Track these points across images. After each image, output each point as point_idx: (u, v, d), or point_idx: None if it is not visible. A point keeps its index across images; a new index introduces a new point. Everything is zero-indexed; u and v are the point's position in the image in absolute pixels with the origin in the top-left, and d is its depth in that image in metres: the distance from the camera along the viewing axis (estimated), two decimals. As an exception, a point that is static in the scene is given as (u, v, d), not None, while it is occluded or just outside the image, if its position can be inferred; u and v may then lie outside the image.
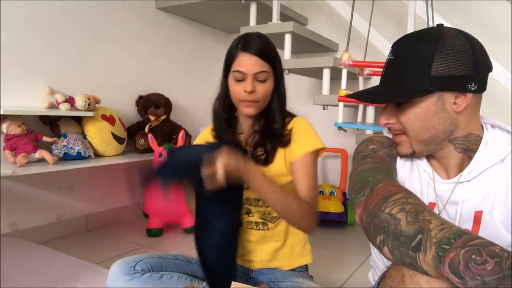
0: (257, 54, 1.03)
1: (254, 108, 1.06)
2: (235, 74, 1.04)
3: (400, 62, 0.77)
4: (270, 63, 1.05)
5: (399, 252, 0.63)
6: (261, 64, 1.03)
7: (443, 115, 0.75)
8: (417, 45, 0.75)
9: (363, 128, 2.08)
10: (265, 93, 1.05)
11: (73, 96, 2.04)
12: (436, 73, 0.72)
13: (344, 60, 1.98)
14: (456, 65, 0.72)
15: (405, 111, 0.78)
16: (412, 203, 0.67)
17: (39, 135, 1.96)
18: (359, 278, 1.75)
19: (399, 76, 0.77)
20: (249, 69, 1.02)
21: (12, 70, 1.94)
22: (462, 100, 0.74)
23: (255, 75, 1.03)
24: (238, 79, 1.04)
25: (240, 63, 1.03)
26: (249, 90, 1.02)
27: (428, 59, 0.72)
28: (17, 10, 1.95)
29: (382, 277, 0.78)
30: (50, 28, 2.09)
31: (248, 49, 1.03)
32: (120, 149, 2.32)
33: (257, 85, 1.04)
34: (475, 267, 0.53)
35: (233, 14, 2.73)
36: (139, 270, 1.05)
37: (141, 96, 2.55)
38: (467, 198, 0.79)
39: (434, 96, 0.74)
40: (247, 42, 1.04)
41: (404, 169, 0.87)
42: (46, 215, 2.15)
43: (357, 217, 0.75)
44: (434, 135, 0.77)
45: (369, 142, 0.91)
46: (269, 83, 1.06)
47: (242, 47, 1.04)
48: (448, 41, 0.73)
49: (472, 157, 0.79)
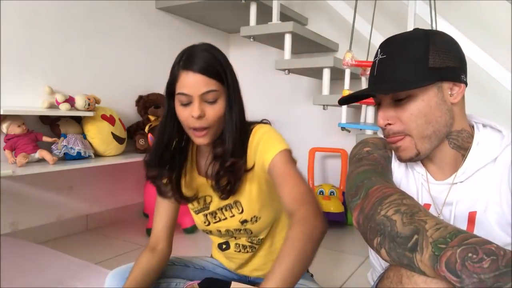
0: (202, 71, 0.86)
1: (207, 137, 0.90)
2: (180, 97, 0.88)
3: (395, 59, 0.78)
4: (219, 79, 0.89)
5: (396, 253, 0.63)
6: (208, 82, 0.87)
7: (444, 107, 0.77)
8: (408, 44, 0.77)
9: (366, 128, 2.08)
10: (217, 116, 0.89)
11: (73, 96, 2.04)
12: (433, 65, 0.75)
13: (347, 60, 1.98)
14: (449, 57, 0.75)
15: (406, 107, 0.77)
16: (407, 204, 0.67)
17: (39, 135, 1.96)
18: (359, 278, 1.75)
19: (397, 71, 0.77)
20: (194, 91, 0.86)
21: (12, 70, 1.95)
22: (457, 91, 0.77)
23: (201, 96, 0.87)
24: (183, 102, 0.88)
25: (183, 84, 0.87)
26: (196, 115, 0.86)
27: (424, 53, 0.75)
28: (17, 10, 1.95)
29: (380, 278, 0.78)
30: (50, 28, 2.10)
31: (190, 67, 0.87)
32: (120, 149, 2.32)
33: (205, 107, 0.88)
34: (471, 265, 0.54)
35: (233, 14, 2.73)
36: None
37: (141, 96, 2.55)
38: (461, 199, 0.79)
39: (435, 87, 0.76)
40: (189, 58, 0.88)
41: (399, 171, 0.87)
42: (46, 215, 2.16)
43: (354, 220, 0.75)
44: (437, 129, 0.78)
45: (364, 145, 0.91)
46: (220, 104, 0.90)
47: (183, 64, 0.88)
48: (436, 37, 0.77)
49: (464, 155, 0.80)
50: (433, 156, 0.83)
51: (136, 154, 2.38)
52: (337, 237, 2.32)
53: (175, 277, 1.08)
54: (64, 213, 2.24)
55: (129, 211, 2.61)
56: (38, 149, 1.91)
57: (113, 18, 2.43)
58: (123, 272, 1.01)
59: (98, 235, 2.29)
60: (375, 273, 0.96)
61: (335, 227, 2.45)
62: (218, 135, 0.93)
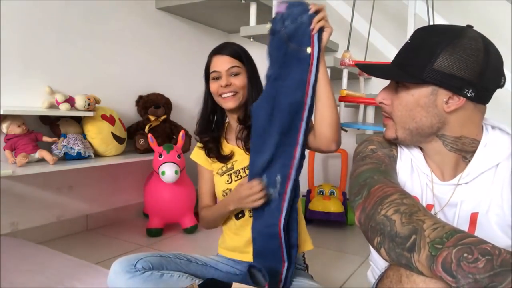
0: (228, 54, 1.18)
1: (234, 101, 1.17)
2: (212, 75, 1.20)
3: (412, 47, 0.78)
4: (240, 60, 1.19)
5: (395, 253, 0.64)
6: (232, 61, 1.18)
7: (432, 110, 0.76)
8: (434, 36, 0.75)
9: (365, 128, 2.08)
10: (241, 84, 1.17)
11: (73, 96, 2.04)
12: (438, 67, 0.72)
13: (345, 60, 1.98)
14: (460, 66, 0.71)
15: (400, 95, 0.80)
16: (406, 203, 0.67)
17: (39, 135, 1.96)
18: (359, 278, 1.75)
19: (406, 59, 0.78)
20: (222, 67, 1.17)
21: (12, 70, 1.95)
22: (454, 102, 0.74)
23: (228, 71, 1.17)
24: (214, 77, 1.19)
25: (214, 64, 1.20)
26: (224, 83, 1.16)
27: (436, 51, 0.73)
28: (17, 10, 1.95)
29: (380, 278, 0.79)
30: (50, 28, 2.10)
31: (220, 52, 1.20)
32: (120, 149, 2.32)
33: (231, 79, 1.17)
34: (467, 265, 0.54)
35: (233, 14, 2.73)
36: (139, 268, 1.06)
37: (141, 96, 2.55)
38: (464, 200, 0.79)
39: (429, 88, 0.75)
40: (219, 47, 1.21)
41: (405, 171, 0.87)
42: (46, 215, 2.16)
43: (356, 219, 0.75)
44: (419, 126, 0.78)
45: (369, 143, 0.91)
46: (242, 76, 1.18)
47: (215, 50, 1.21)
48: (464, 41, 0.72)
49: (468, 158, 0.79)
50: (432, 157, 0.83)
51: (136, 154, 2.38)
52: (337, 237, 2.32)
53: (177, 270, 1.10)
54: (64, 213, 2.24)
55: (129, 211, 2.61)
56: (38, 149, 1.92)
57: (113, 18, 2.43)
58: (128, 260, 1.08)
59: (98, 235, 2.29)
60: (375, 271, 0.96)
61: (335, 227, 2.45)
62: (242, 103, 1.19)
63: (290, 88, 1.02)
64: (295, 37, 1.01)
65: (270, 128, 1.06)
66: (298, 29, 1.00)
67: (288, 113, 1.03)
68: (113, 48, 2.44)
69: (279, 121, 1.04)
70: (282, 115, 1.04)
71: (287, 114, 1.03)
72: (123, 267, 1.06)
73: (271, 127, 1.06)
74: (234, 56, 1.18)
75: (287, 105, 1.02)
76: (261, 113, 1.07)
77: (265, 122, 1.07)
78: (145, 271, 1.06)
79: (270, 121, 1.06)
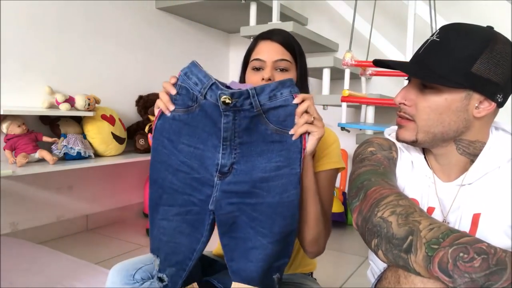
0: (280, 42, 0.91)
1: None
2: (253, 63, 0.91)
3: (443, 48, 0.74)
4: (292, 54, 0.93)
5: (392, 255, 0.64)
6: (283, 52, 0.91)
7: (462, 115, 0.73)
8: (467, 38, 0.72)
9: (366, 128, 2.08)
10: None
11: (73, 96, 2.04)
12: (476, 71, 0.70)
13: (347, 60, 1.99)
14: (496, 71, 0.70)
15: (428, 97, 0.75)
16: (402, 205, 0.67)
17: (39, 135, 1.96)
18: (359, 278, 1.75)
19: (439, 60, 0.73)
20: (269, 56, 0.90)
21: (12, 70, 1.95)
22: (485, 107, 0.73)
23: (275, 63, 0.90)
24: (255, 67, 0.91)
25: (259, 50, 0.92)
26: (266, 77, 0.88)
27: (475, 55, 0.70)
28: (17, 10, 1.95)
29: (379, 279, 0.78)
30: (50, 28, 2.10)
31: (270, 37, 0.92)
32: (120, 149, 2.32)
33: (276, 74, 0.90)
34: (463, 265, 0.54)
35: (233, 14, 2.73)
36: (138, 280, 1.01)
37: (141, 96, 2.55)
38: (467, 200, 0.78)
39: (464, 92, 0.72)
40: (270, 31, 0.94)
41: (405, 173, 0.86)
42: (46, 215, 2.16)
43: (353, 222, 0.75)
44: (445, 131, 0.75)
45: (368, 144, 0.90)
46: (290, 75, 0.91)
47: (264, 34, 0.93)
48: (499, 45, 0.71)
49: (473, 160, 0.78)
50: (439, 158, 0.82)
51: (136, 154, 2.38)
52: (337, 237, 2.32)
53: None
54: (64, 213, 2.24)
55: (129, 211, 2.61)
56: (38, 149, 1.92)
57: (113, 18, 2.43)
58: (126, 269, 1.02)
59: (98, 235, 2.29)
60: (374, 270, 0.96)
61: (335, 227, 2.45)
62: None
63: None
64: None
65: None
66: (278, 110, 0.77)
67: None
68: (113, 48, 2.44)
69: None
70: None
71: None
72: (121, 278, 1.00)
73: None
74: (287, 47, 0.92)
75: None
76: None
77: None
78: (144, 281, 1.01)
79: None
